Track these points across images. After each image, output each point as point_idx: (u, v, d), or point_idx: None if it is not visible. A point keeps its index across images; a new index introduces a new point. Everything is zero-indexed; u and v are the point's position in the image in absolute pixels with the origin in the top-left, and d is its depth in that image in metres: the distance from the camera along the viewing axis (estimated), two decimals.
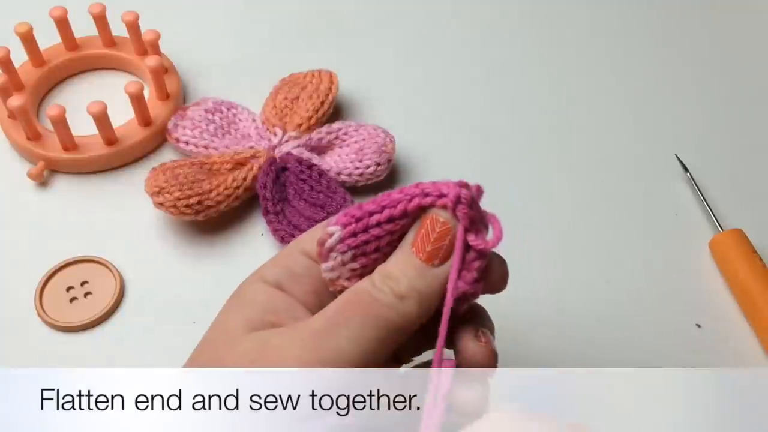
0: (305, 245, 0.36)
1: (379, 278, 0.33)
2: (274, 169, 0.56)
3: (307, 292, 0.35)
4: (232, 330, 0.34)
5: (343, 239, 0.35)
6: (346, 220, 0.35)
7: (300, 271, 0.36)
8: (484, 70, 0.68)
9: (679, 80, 0.68)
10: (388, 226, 0.34)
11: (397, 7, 0.72)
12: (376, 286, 0.33)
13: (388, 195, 0.35)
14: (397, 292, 0.33)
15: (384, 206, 0.34)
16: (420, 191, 0.34)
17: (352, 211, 0.35)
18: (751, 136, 0.64)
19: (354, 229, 0.34)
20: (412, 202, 0.34)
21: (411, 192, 0.34)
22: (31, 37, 0.61)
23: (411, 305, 0.33)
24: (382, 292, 0.33)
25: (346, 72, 0.63)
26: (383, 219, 0.34)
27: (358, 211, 0.35)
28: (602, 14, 0.73)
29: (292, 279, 0.35)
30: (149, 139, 0.60)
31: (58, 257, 0.54)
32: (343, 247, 0.35)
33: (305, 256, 0.36)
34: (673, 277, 0.55)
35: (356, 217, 0.34)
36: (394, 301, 0.33)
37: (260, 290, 0.35)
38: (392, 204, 0.34)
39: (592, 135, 0.64)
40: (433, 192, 0.34)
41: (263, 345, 0.33)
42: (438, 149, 0.62)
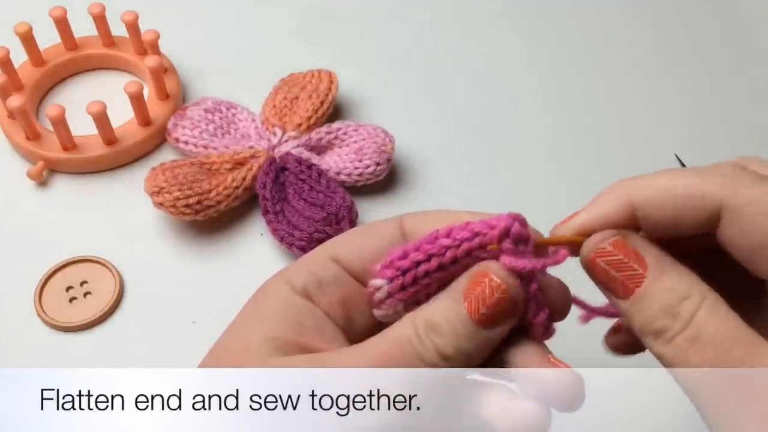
0: (337, 252, 0.34)
1: (423, 329, 0.30)
2: (274, 169, 0.56)
3: (334, 303, 0.34)
4: (253, 347, 0.32)
5: (391, 294, 0.32)
6: (391, 274, 0.32)
7: (329, 279, 0.34)
8: (484, 70, 0.68)
9: (679, 80, 0.68)
10: (437, 275, 0.32)
11: (396, 7, 0.72)
12: (419, 337, 0.30)
13: (435, 238, 0.32)
14: (442, 353, 0.30)
15: (431, 255, 0.31)
16: (470, 233, 0.31)
17: (397, 262, 0.32)
18: (750, 136, 0.64)
19: (402, 283, 0.32)
20: (462, 248, 0.31)
21: (459, 236, 0.31)
22: (31, 37, 0.61)
23: (454, 366, 0.30)
24: (426, 348, 0.30)
25: (346, 72, 0.63)
26: (432, 269, 0.31)
27: (403, 261, 0.32)
28: (602, 14, 0.72)
29: (320, 287, 0.34)
30: (149, 139, 0.60)
31: (57, 257, 0.54)
32: (393, 301, 0.32)
33: (335, 264, 0.34)
34: None
35: (403, 270, 0.32)
36: (438, 362, 0.30)
37: (284, 299, 0.33)
38: (441, 252, 0.31)
39: (592, 135, 0.64)
40: (483, 230, 0.31)
41: None
42: (438, 149, 0.62)
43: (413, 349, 0.30)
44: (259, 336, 0.32)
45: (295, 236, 0.53)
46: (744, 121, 0.65)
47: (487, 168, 0.61)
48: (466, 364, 0.30)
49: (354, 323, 0.34)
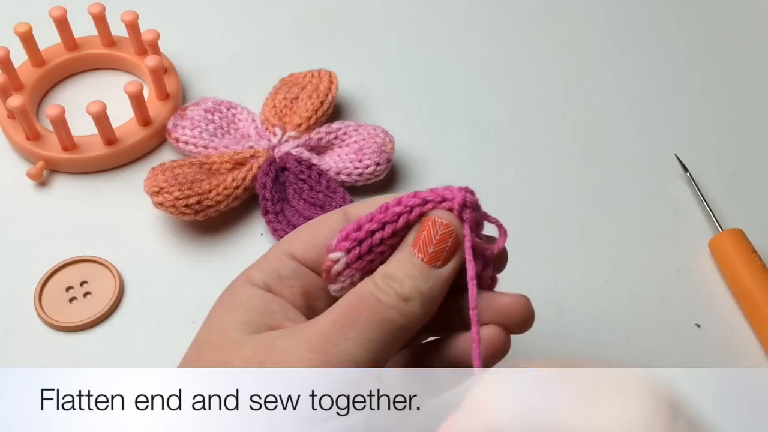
0: (291, 247, 0.36)
1: (381, 280, 0.33)
2: (274, 169, 0.56)
3: (296, 294, 0.36)
4: (230, 332, 0.34)
5: (349, 264, 0.34)
6: (349, 245, 0.34)
7: (288, 274, 0.36)
8: (483, 70, 0.68)
9: (679, 80, 0.68)
10: (390, 240, 0.34)
11: (396, 7, 0.72)
12: (379, 287, 0.33)
13: (386, 208, 0.34)
14: (401, 294, 0.33)
15: (385, 222, 0.34)
16: (420, 200, 0.34)
17: (353, 234, 0.34)
18: (750, 136, 0.64)
19: (359, 252, 0.34)
20: (414, 213, 0.34)
21: (410, 202, 0.34)
22: (31, 37, 0.61)
23: (415, 307, 0.33)
24: (386, 294, 0.33)
25: (346, 72, 0.63)
26: (386, 235, 0.34)
27: (358, 233, 0.34)
28: (602, 14, 0.73)
29: (281, 282, 0.36)
30: (149, 139, 0.60)
31: (57, 257, 0.54)
32: (350, 271, 0.34)
33: (292, 259, 0.36)
34: (673, 277, 0.55)
35: (358, 240, 0.34)
36: (399, 303, 0.33)
37: (251, 293, 0.35)
38: (393, 218, 0.34)
39: (592, 135, 0.64)
40: (434, 198, 0.34)
41: (269, 348, 0.32)
42: (438, 149, 0.62)
43: (374, 297, 0.33)
44: (234, 322, 0.34)
45: None
46: (746, 121, 0.65)
47: (487, 168, 0.61)
48: (425, 304, 0.33)
49: (315, 311, 0.35)
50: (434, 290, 0.33)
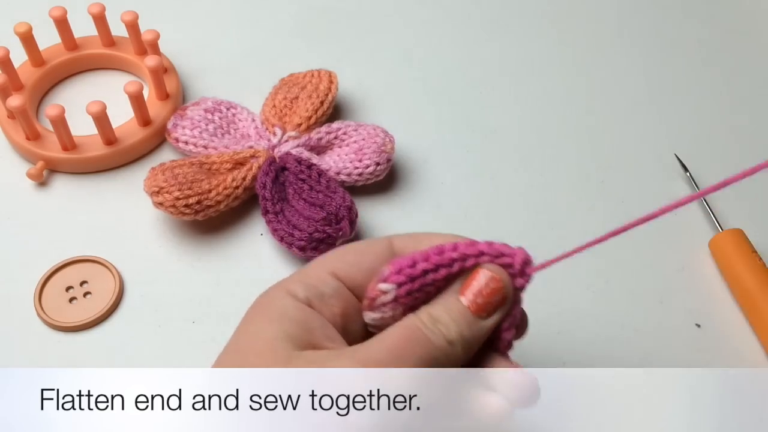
0: (333, 266, 0.36)
1: (428, 320, 0.34)
2: (274, 169, 0.56)
3: (335, 314, 0.35)
4: (275, 343, 0.33)
5: (398, 298, 0.35)
6: (401, 279, 0.35)
7: (329, 292, 0.36)
8: (483, 70, 0.68)
9: (680, 80, 0.68)
10: (441, 283, 0.35)
11: (396, 7, 0.72)
12: (427, 326, 0.33)
13: (442, 251, 0.35)
14: (447, 337, 0.33)
15: (440, 265, 0.35)
16: (477, 252, 0.35)
17: (407, 269, 0.35)
18: (750, 136, 0.64)
19: (409, 289, 0.35)
20: (468, 262, 0.35)
21: (468, 251, 0.35)
22: (31, 37, 0.61)
23: (458, 351, 0.34)
24: (435, 335, 0.33)
25: (346, 72, 0.63)
26: (439, 278, 0.35)
27: (413, 270, 0.35)
28: (602, 14, 0.73)
29: (322, 300, 0.35)
30: (148, 139, 0.60)
31: (57, 257, 0.54)
32: (395, 305, 0.35)
33: (335, 278, 0.36)
34: (673, 277, 0.55)
35: (412, 277, 0.35)
36: (445, 345, 0.33)
37: (292, 305, 0.35)
38: (449, 263, 0.35)
39: (592, 135, 0.64)
40: (491, 252, 0.35)
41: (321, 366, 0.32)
42: (438, 149, 0.62)
43: (425, 335, 0.33)
44: (277, 333, 0.33)
45: (295, 236, 0.53)
46: (745, 121, 0.65)
47: (487, 168, 0.61)
48: (466, 350, 0.34)
49: (350, 335, 0.36)
50: (476, 338, 0.34)
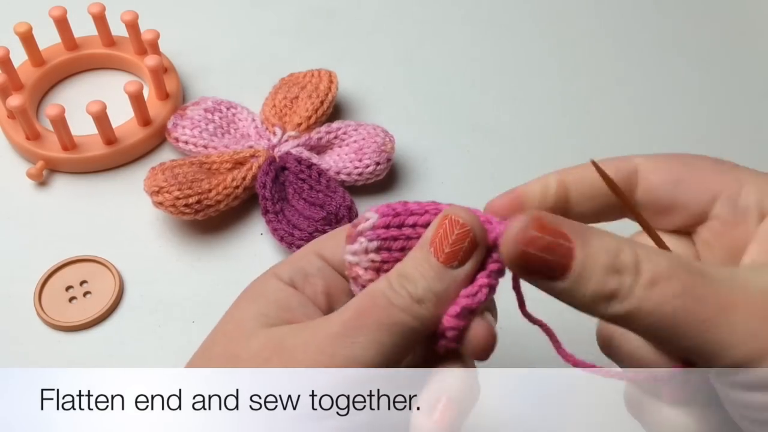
0: (320, 247, 0.36)
1: (396, 279, 0.33)
2: (274, 169, 0.56)
3: (318, 293, 0.35)
4: (245, 322, 0.34)
5: (376, 227, 0.34)
6: (385, 211, 0.35)
7: (313, 271, 0.36)
8: (483, 70, 0.68)
9: (679, 80, 0.68)
10: (421, 230, 0.34)
11: (396, 7, 0.72)
12: (393, 287, 0.32)
13: (436, 205, 0.35)
14: (414, 296, 0.32)
15: (427, 211, 0.34)
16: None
17: (395, 205, 0.35)
18: (750, 136, 0.64)
19: (389, 222, 0.34)
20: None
21: (441, 207, 0.34)
22: (31, 37, 0.61)
23: (428, 308, 0.32)
24: (399, 296, 0.32)
25: (346, 72, 0.63)
26: (420, 222, 0.34)
27: (400, 207, 0.35)
28: (602, 14, 0.73)
29: (305, 279, 0.35)
30: (148, 139, 0.60)
31: (57, 257, 0.54)
32: (372, 234, 0.34)
33: (319, 258, 0.36)
34: None
35: (396, 212, 0.34)
36: (411, 305, 0.32)
37: (274, 286, 0.35)
38: (435, 211, 0.34)
39: (592, 134, 0.64)
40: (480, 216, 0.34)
41: (277, 344, 0.32)
42: (438, 149, 0.62)
43: (386, 299, 0.32)
44: (252, 313, 0.34)
45: (295, 236, 0.53)
46: (745, 121, 0.65)
47: (487, 168, 0.61)
48: (438, 306, 0.32)
49: None
50: (448, 291, 0.32)
